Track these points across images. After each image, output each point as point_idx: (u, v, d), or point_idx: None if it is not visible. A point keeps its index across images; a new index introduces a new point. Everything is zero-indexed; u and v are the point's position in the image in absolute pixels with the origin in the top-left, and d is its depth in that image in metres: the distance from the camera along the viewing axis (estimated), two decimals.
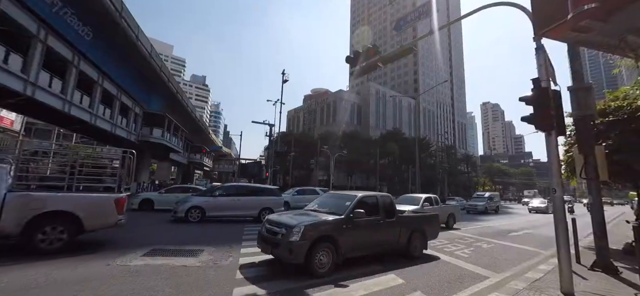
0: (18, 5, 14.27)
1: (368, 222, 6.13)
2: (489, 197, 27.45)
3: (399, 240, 6.80)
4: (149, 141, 31.29)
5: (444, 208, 13.87)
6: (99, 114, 22.80)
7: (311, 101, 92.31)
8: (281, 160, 48.17)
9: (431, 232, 7.81)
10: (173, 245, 7.11)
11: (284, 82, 34.68)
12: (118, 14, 19.81)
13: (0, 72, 13.87)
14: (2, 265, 4.90)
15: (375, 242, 6.40)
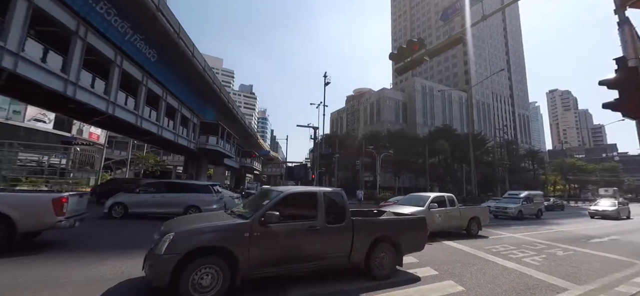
0: (101, 36, 16.71)
1: (293, 228, 4.59)
2: (526, 197, 20.62)
3: (352, 253, 4.96)
4: (206, 148, 34.08)
5: (464, 210, 11.31)
6: (164, 126, 25.50)
7: (354, 101, 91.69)
8: (326, 162, 48.61)
9: (410, 242, 5.79)
10: None
11: (326, 85, 35.03)
12: (176, 35, 21.97)
13: (89, 94, 16.35)
14: None
15: (306, 256, 4.62)
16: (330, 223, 4.88)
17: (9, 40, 11.64)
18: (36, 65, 13.09)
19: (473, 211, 11.47)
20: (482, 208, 12.44)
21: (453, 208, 10.86)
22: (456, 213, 10.78)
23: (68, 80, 14.71)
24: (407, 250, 5.82)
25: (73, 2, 14.43)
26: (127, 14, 17.98)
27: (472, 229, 10.91)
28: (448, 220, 10.46)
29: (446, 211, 10.51)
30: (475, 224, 11.04)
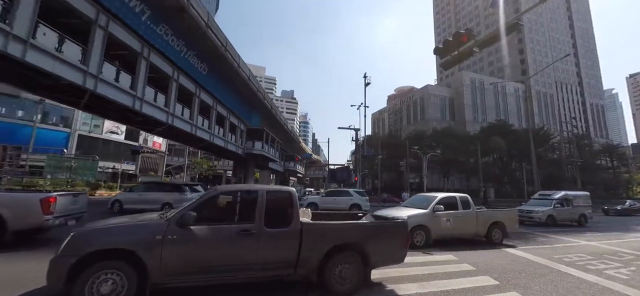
0: (161, 55, 18.62)
1: (220, 232, 3.98)
2: (562, 198, 16.52)
3: (299, 263, 4.16)
4: (252, 153, 35.85)
5: (483, 214, 9.49)
6: (215, 133, 27.43)
7: (396, 101, 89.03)
8: (369, 164, 47.81)
9: (382, 253, 4.76)
10: None
11: (367, 85, 34.53)
12: (224, 48, 23.54)
13: (152, 108, 18.31)
14: None
15: (237, 264, 3.94)
16: (271, 227, 4.15)
17: (90, 65, 13.56)
18: (111, 84, 15.04)
19: (494, 215, 9.67)
20: (507, 211, 10.30)
21: (467, 211, 9.18)
22: (471, 218, 9.16)
23: (136, 96, 16.64)
24: (379, 261, 4.78)
25: (138, 27, 16.31)
26: (182, 33, 19.73)
27: (493, 236, 9.25)
28: (460, 225, 8.97)
29: (457, 215, 8.99)
30: (498, 231, 9.36)
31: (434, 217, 8.65)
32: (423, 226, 8.40)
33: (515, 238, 10.52)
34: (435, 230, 8.47)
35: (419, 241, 8.24)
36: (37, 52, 11.40)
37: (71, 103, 18.21)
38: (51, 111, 33.09)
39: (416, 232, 8.24)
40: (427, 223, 8.48)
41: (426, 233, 8.35)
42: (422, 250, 7.85)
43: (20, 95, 29.62)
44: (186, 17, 18.38)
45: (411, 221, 7.98)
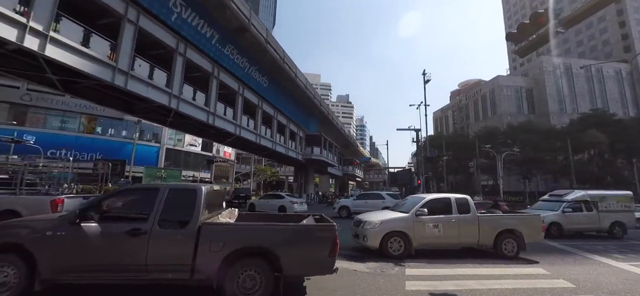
0: (228, 73, 20.60)
1: (111, 230, 3.87)
2: (578, 200, 12.32)
3: (195, 267, 3.83)
4: (311, 158, 36.92)
5: (489, 219, 7.69)
6: (277, 141, 29.06)
7: (460, 96, 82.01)
8: (433, 166, 44.82)
9: (299, 260, 4.15)
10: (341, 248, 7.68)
11: (426, 82, 32.56)
12: (282, 60, 24.90)
13: (223, 121, 20.32)
14: None
15: (127, 264, 3.80)
16: (166, 227, 3.93)
17: (173, 87, 15.73)
18: (190, 103, 17.18)
19: (506, 221, 7.76)
20: (526, 217, 8.13)
21: (464, 216, 7.56)
22: (469, 224, 7.50)
23: (209, 112, 18.67)
24: (297, 270, 4.19)
25: (209, 50, 18.34)
26: (245, 51, 21.53)
27: (505, 248, 7.42)
28: (453, 232, 7.43)
29: (449, 220, 7.46)
30: (511, 242, 7.47)
31: (416, 222, 7.32)
32: (401, 233, 7.20)
33: (534, 251, 7.97)
34: (418, 238, 7.27)
35: (395, 250, 7.08)
36: (135, 80, 13.70)
37: (160, 122, 21.36)
38: (146, 130, 39.31)
39: (391, 239, 7.14)
40: (407, 230, 7.25)
41: (405, 241, 7.16)
42: (399, 260, 6.77)
43: (124, 117, 35.87)
44: (248, 36, 20.02)
45: (385, 226, 7.23)
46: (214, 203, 4.80)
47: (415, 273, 5.77)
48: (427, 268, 6.25)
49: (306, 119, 36.95)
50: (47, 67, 11.81)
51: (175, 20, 15.54)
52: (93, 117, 36.73)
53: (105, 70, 12.40)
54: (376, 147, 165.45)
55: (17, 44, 9.64)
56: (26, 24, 9.69)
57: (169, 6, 15.03)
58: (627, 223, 11.99)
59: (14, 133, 27.77)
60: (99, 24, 13.05)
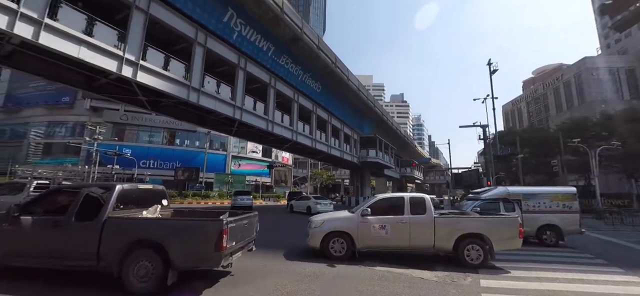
0: (284, 82, 21.62)
1: (40, 223, 4.53)
2: (494, 198, 10.35)
3: (100, 257, 4.22)
4: (367, 161, 36.36)
5: (448, 222, 6.69)
6: (332, 145, 29.36)
7: (535, 85, 71.96)
8: (505, 165, 40.11)
9: (188, 255, 4.25)
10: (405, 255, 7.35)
11: (493, 73, 29.40)
12: (334, 65, 25.14)
13: (281, 128, 21.37)
14: None
15: (50, 252, 4.39)
16: (81, 220, 4.42)
17: (237, 99, 17.13)
18: (251, 113, 18.49)
19: (469, 224, 6.63)
20: (499, 220, 6.91)
21: (417, 217, 6.71)
22: (423, 226, 6.64)
23: (268, 120, 19.81)
24: (184, 263, 4.24)
25: (266, 62, 19.52)
26: (298, 59, 22.33)
27: (467, 255, 6.35)
28: (403, 234, 6.66)
29: (400, 221, 6.70)
30: (476, 248, 6.34)
31: (361, 223, 6.78)
32: (344, 233, 6.78)
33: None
34: (362, 239, 6.74)
35: (337, 251, 6.71)
36: (205, 96, 15.30)
37: (226, 132, 23.46)
38: (214, 139, 43.58)
39: (334, 239, 6.76)
40: (350, 230, 6.78)
41: (348, 242, 6.71)
42: (343, 261, 6.36)
43: (196, 129, 40.35)
44: (301, 44, 20.73)
45: (327, 225, 6.93)
46: (139, 200, 5.30)
47: (492, 285, 5.15)
48: (507, 279, 5.56)
49: (360, 121, 36.59)
50: (138, 90, 13.97)
51: (236, 38, 16.96)
52: (173, 131, 42.17)
53: (182, 88, 14.13)
54: (436, 146, 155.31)
55: (117, 73, 11.62)
56: (123, 56, 11.62)
57: (230, 26, 16.48)
58: (564, 227, 9.52)
59: (116, 147, 33.45)
60: (174, 50, 14.97)
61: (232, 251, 4.53)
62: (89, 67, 11.34)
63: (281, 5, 18.03)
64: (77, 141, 36.23)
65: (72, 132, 39.42)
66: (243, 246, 5.12)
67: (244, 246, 5.15)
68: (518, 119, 74.45)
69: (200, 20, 14.81)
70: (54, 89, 39.41)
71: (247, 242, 5.28)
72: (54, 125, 40.78)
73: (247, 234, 5.24)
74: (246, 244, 5.27)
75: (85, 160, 34.38)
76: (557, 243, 9.25)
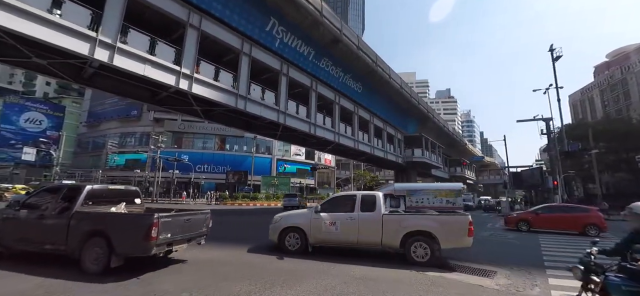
0: (325, 85, 21.83)
1: (27, 216, 5.64)
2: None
3: (68, 243, 5.19)
4: (412, 161, 34.89)
5: (396, 220, 6.73)
6: (375, 145, 28.78)
7: (611, 70, 62.28)
8: (575, 163, 35.41)
9: (126, 244, 5.03)
10: (460, 261, 6.85)
11: (556, 60, 26.13)
12: (374, 64, 24.67)
13: (323, 130, 21.57)
14: None
15: (34, 239, 5.50)
16: (58, 213, 5.41)
17: (280, 105, 17.73)
18: (294, 116, 18.98)
19: (417, 222, 6.67)
20: (446, 218, 6.90)
21: (366, 214, 6.89)
22: (372, 223, 6.79)
23: (310, 122, 20.14)
24: (124, 250, 5.04)
25: (307, 66, 19.89)
26: (338, 61, 22.34)
27: (414, 253, 6.40)
28: (352, 231, 6.88)
29: (349, 218, 6.94)
30: (423, 245, 6.37)
31: (314, 219, 7.13)
32: (298, 229, 7.19)
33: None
34: (314, 234, 7.07)
35: (292, 245, 7.17)
36: (251, 103, 16.11)
37: (271, 136, 24.39)
38: (260, 144, 45.66)
39: (289, 234, 7.24)
40: (304, 226, 7.17)
41: (302, 237, 7.12)
42: (296, 255, 6.75)
43: (244, 135, 42.67)
44: (341, 46, 20.73)
45: (284, 221, 7.48)
46: (109, 198, 6.21)
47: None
48: None
49: (404, 120, 35.31)
50: (193, 101, 15.24)
51: (278, 46, 17.59)
52: (223, 137, 45.18)
53: (230, 97, 15.07)
54: (489, 143, 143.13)
55: (175, 87, 12.83)
56: (179, 71, 12.79)
57: (273, 34, 17.16)
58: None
59: (175, 154, 36.91)
60: (223, 61, 16.03)
61: (167, 242, 5.18)
62: (152, 82, 12.69)
63: (320, 9, 18.26)
64: (143, 149, 40.81)
65: (140, 141, 44.50)
66: (187, 239, 5.75)
67: (188, 239, 5.77)
68: (589, 110, 65.24)
69: (245, 31, 15.67)
70: (124, 104, 44.96)
71: (192, 236, 5.85)
72: (125, 136, 46.48)
73: (190, 229, 5.80)
74: (191, 238, 5.85)
75: (151, 166, 38.49)
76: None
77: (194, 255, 6.52)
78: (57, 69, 12.26)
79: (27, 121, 48.34)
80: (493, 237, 11.76)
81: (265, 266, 5.95)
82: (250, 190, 37.26)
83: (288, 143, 42.72)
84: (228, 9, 14.74)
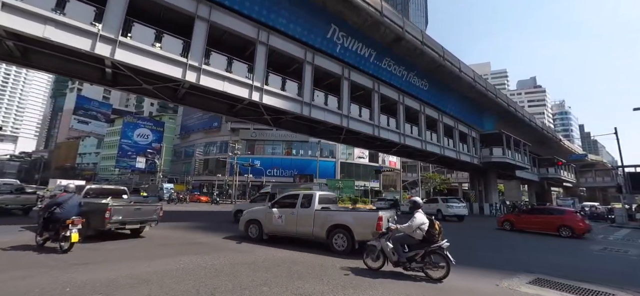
0: (387, 85, 21.27)
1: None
2: None
3: (84, 221, 7.32)
4: (491, 161, 31.22)
5: (323, 216, 8.04)
6: (445, 145, 26.70)
7: None
8: None
9: (94, 221, 8.07)
10: (559, 278, 5.89)
11: None
12: (441, 58, 22.96)
13: (387, 132, 21.03)
14: None
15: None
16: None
17: (343, 108, 17.95)
18: (357, 119, 18.99)
19: (338, 217, 7.80)
20: (359, 214, 7.93)
21: (303, 210, 8.32)
22: (306, 217, 8.19)
23: (373, 125, 19.86)
24: (94, 226, 8.16)
25: (368, 68, 19.71)
26: (401, 59, 21.48)
27: (335, 242, 7.60)
28: (292, 223, 8.39)
29: (291, 213, 8.46)
30: (342, 237, 7.52)
31: (267, 213, 8.80)
32: (256, 221, 8.97)
33: None
34: (267, 226, 8.79)
35: (252, 233, 8.99)
36: (315, 109, 16.74)
37: (334, 140, 24.80)
38: (324, 148, 46.86)
39: (251, 225, 9.05)
40: (261, 219, 8.91)
41: (259, 228, 8.88)
42: (254, 242, 8.69)
43: (308, 140, 44.42)
44: (403, 44, 19.94)
45: (248, 215, 9.25)
46: (103, 194, 9.48)
47: None
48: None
49: (478, 116, 31.89)
50: (264, 111, 16.61)
51: (339, 51, 17.89)
52: (289, 143, 47.83)
53: (296, 105, 15.94)
54: (593, 138, 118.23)
55: (248, 99, 14.20)
56: (251, 84, 14.11)
57: (333, 40, 17.55)
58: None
59: (249, 159, 40.53)
60: (288, 71, 17.06)
61: (119, 222, 8.15)
62: (229, 96, 14.31)
63: (380, 9, 17.93)
64: (223, 156, 45.97)
65: (220, 148, 50.29)
66: (138, 221, 8.74)
67: (139, 221, 8.77)
68: None
69: (308, 41, 16.41)
70: (207, 118, 51.49)
71: (143, 220, 8.82)
72: (208, 145, 53.10)
73: (141, 215, 8.74)
74: (143, 221, 8.83)
75: (230, 170, 43.08)
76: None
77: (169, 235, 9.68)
78: (159, 91, 14.83)
79: (139, 136, 59.35)
80: (608, 253, 9.71)
81: (226, 247, 8.07)
82: None
83: (351, 147, 42.77)
84: (292, 22, 15.67)
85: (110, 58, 10.68)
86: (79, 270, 5.21)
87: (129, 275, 5.02)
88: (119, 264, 5.78)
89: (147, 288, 4.36)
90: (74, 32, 9.96)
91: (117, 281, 4.67)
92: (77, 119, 59.25)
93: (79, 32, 10.05)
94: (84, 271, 5.14)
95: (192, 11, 12.59)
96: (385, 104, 21.85)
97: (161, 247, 7.73)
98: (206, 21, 12.93)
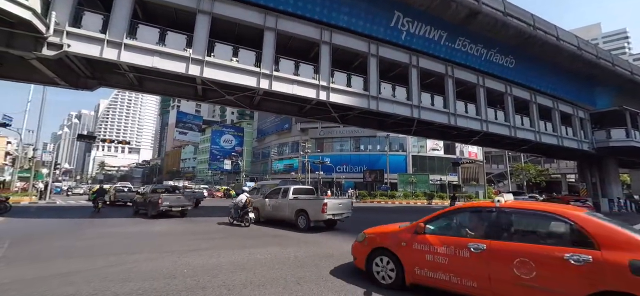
0: (463, 68, 19.21)
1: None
2: None
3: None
4: (609, 146, 25.28)
5: (292, 203, 11.31)
6: (541, 130, 22.71)
7: None
8: None
9: (147, 205, 13.71)
10: None
11: None
12: (531, 28, 19.56)
13: (465, 119, 19.03)
14: None
15: None
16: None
17: (413, 99, 16.99)
18: (428, 109, 17.73)
19: (300, 204, 10.99)
20: (311, 201, 11.10)
21: (283, 199, 11.60)
22: (284, 205, 11.42)
23: (449, 113, 18.24)
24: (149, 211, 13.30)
25: (440, 51, 18.14)
26: (478, 37, 19.06)
27: (299, 222, 10.70)
28: (277, 210, 11.73)
29: (276, 201, 11.85)
30: (302, 218, 10.63)
31: (262, 202, 12.26)
32: (256, 208, 11.91)
33: None
34: (262, 211, 12.13)
35: (253, 218, 11.26)
36: (383, 102, 16.27)
37: (405, 132, 23.67)
38: (393, 141, 45.14)
39: (252, 211, 11.26)
40: (258, 206, 12.15)
41: (256, 213, 11.69)
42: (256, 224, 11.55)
43: (376, 134, 43.39)
44: (480, 18, 17.66)
45: (252, 204, 11.57)
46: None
47: None
48: None
49: (588, 92, 26.08)
50: (331, 109, 16.95)
51: (404, 38, 16.95)
52: (357, 138, 47.61)
53: (363, 99, 15.78)
54: None
55: (316, 99, 14.70)
56: (318, 84, 14.55)
57: (398, 28, 16.71)
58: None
59: (318, 157, 41.90)
60: (352, 67, 16.99)
61: (168, 207, 12.84)
62: (299, 98, 15.06)
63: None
64: (295, 155, 48.63)
65: (292, 148, 53.32)
66: (180, 206, 13.34)
67: (180, 206, 13.36)
68: None
69: (371, 33, 16.02)
70: (279, 120, 55.16)
71: (183, 205, 13.52)
72: (282, 146, 56.87)
73: (180, 203, 13.48)
74: (183, 206, 13.52)
75: (302, 169, 45.33)
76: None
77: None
78: (239, 100, 16.58)
79: (224, 141, 67.44)
80: None
81: (216, 228, 10.86)
82: (387, 188, 37.40)
83: (424, 139, 40.10)
84: (353, 17, 15.53)
85: (199, 76, 12.47)
86: (192, 256, 6.30)
87: (230, 261, 5.93)
88: (220, 251, 6.86)
89: (244, 274, 5.11)
90: (172, 58, 11.98)
91: (221, 266, 5.58)
92: (178, 131, 70.66)
93: (176, 58, 12.03)
94: (194, 257, 6.19)
95: (261, 24, 13.67)
96: (462, 89, 19.80)
97: (249, 239, 8.79)
98: (273, 30, 13.86)
